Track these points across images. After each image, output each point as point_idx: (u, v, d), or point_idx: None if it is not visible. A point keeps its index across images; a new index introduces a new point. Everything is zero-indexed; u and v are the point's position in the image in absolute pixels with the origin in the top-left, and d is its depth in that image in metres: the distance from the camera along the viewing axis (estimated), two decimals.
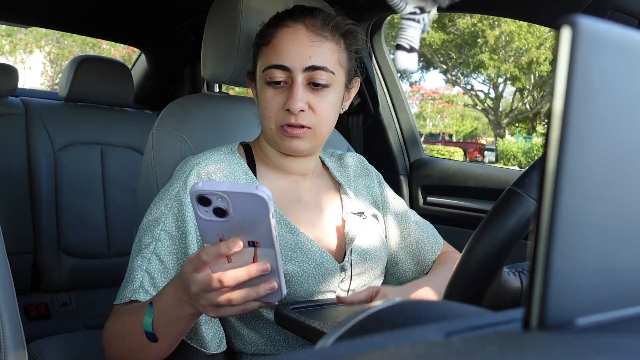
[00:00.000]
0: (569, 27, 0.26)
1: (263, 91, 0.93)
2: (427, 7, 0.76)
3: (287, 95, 0.90)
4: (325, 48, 0.91)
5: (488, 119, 20.91)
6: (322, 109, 0.92)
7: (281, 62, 0.90)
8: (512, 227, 0.62)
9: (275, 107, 0.91)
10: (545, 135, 0.27)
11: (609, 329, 0.29)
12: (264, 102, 0.93)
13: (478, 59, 17.46)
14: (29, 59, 18.08)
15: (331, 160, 1.09)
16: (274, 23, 0.93)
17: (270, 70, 0.90)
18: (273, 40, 0.92)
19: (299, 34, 0.90)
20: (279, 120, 0.92)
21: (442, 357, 0.24)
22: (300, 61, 0.89)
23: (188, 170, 0.91)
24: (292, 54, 0.89)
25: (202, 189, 0.64)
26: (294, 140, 0.92)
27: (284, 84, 0.91)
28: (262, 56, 0.94)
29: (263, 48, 0.93)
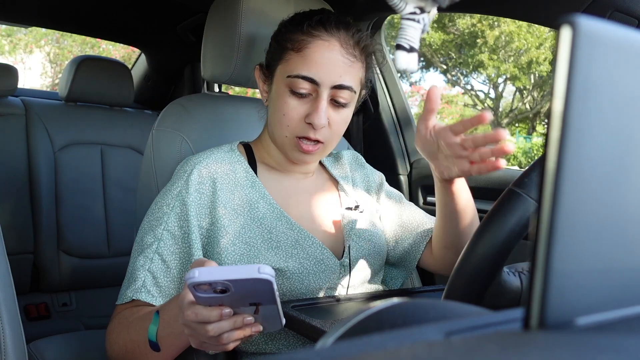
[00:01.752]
0: (569, 27, 0.26)
1: (284, 98, 0.91)
2: (427, 7, 0.76)
3: (310, 108, 0.89)
4: (354, 68, 0.91)
5: None
6: (338, 125, 0.92)
7: (311, 76, 0.88)
8: (512, 227, 0.62)
9: (295, 118, 0.90)
10: (545, 135, 0.27)
11: (609, 329, 0.29)
12: (284, 109, 0.91)
13: (478, 59, 17.46)
14: (29, 59, 18.08)
15: (328, 159, 1.10)
16: (308, 31, 0.90)
17: (298, 80, 0.89)
18: (306, 50, 0.89)
19: (334, 50, 0.89)
20: (297, 131, 0.91)
21: (442, 357, 0.24)
22: (330, 78, 0.88)
23: (189, 170, 0.92)
24: (324, 70, 0.88)
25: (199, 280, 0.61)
26: (307, 156, 0.93)
27: (307, 95, 0.90)
28: (289, 60, 0.91)
29: (291, 53, 0.90)
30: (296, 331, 0.82)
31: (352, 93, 0.91)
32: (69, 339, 1.31)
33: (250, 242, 0.90)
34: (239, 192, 0.93)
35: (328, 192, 1.04)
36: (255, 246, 0.90)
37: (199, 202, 0.90)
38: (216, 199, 0.91)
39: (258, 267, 0.61)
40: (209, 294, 0.63)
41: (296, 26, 0.92)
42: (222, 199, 0.91)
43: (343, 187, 1.05)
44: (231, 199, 0.92)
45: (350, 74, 0.90)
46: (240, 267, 0.62)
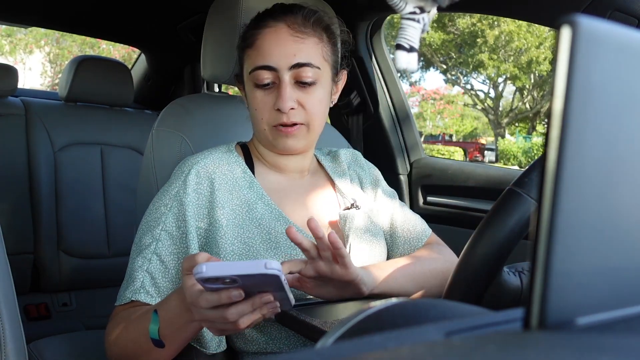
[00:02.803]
0: (569, 26, 0.26)
1: (252, 93, 0.93)
2: (427, 7, 0.76)
3: (277, 96, 0.91)
4: (308, 44, 0.91)
5: (488, 118, 20.91)
6: (312, 106, 0.92)
7: (266, 63, 0.90)
8: (512, 227, 0.62)
9: (266, 108, 0.92)
10: (545, 135, 0.27)
11: (609, 329, 0.29)
12: (254, 104, 0.93)
13: (478, 58, 17.46)
14: (29, 59, 18.08)
15: (326, 158, 1.10)
16: (255, 24, 0.93)
17: (257, 72, 0.91)
18: (257, 41, 0.92)
19: (281, 32, 0.91)
20: (271, 120, 0.92)
21: (442, 356, 0.24)
22: (285, 60, 0.90)
23: (187, 170, 0.92)
24: (277, 54, 0.90)
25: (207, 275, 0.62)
26: (289, 139, 0.93)
27: (272, 84, 0.91)
28: (247, 58, 0.94)
29: (247, 50, 0.94)
30: (296, 331, 0.82)
31: (315, 69, 0.91)
32: (69, 339, 1.31)
33: (249, 242, 0.90)
34: (237, 193, 0.93)
35: (325, 192, 1.04)
36: (254, 246, 0.90)
37: (197, 202, 0.90)
38: (214, 200, 0.91)
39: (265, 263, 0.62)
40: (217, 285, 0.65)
41: (248, 26, 0.95)
42: (220, 199, 0.91)
43: (339, 187, 1.04)
44: (229, 200, 0.92)
45: (304, 51, 0.91)
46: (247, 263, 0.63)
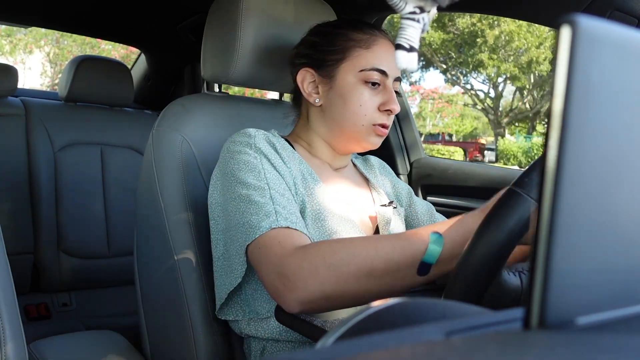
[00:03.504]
0: (569, 26, 0.26)
1: (358, 90, 0.98)
2: (427, 6, 0.76)
3: (382, 98, 0.98)
4: None
5: (488, 118, 20.91)
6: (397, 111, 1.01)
7: (383, 67, 0.98)
8: (512, 227, 0.62)
9: (372, 107, 0.98)
10: (545, 135, 0.27)
11: (609, 329, 0.29)
12: (360, 100, 0.98)
13: (477, 58, 17.46)
14: (28, 59, 18.08)
15: (357, 159, 1.18)
16: (371, 32, 1.00)
17: (372, 72, 0.98)
18: (373, 46, 0.99)
19: (391, 48, 1.00)
20: (374, 119, 0.98)
21: (442, 356, 0.24)
22: (394, 70, 1.00)
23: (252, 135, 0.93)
24: (390, 63, 0.99)
25: None
26: (380, 139, 1.01)
27: (379, 86, 0.99)
28: (358, 57, 0.99)
29: (360, 50, 0.99)
30: (297, 331, 0.82)
31: None
32: (69, 339, 1.31)
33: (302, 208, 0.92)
34: (290, 163, 0.96)
35: (361, 189, 1.09)
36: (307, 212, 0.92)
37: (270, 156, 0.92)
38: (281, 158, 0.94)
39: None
40: None
41: (352, 29, 1.01)
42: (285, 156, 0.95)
43: (374, 186, 1.10)
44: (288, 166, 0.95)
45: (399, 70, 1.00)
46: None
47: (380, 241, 0.77)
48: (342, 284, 0.75)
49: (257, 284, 0.93)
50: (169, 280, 1.03)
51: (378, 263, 0.75)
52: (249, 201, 0.86)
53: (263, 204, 0.85)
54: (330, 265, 0.75)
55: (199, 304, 1.00)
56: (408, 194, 1.18)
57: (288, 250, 0.79)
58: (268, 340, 0.93)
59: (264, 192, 0.86)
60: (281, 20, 1.13)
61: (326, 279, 0.75)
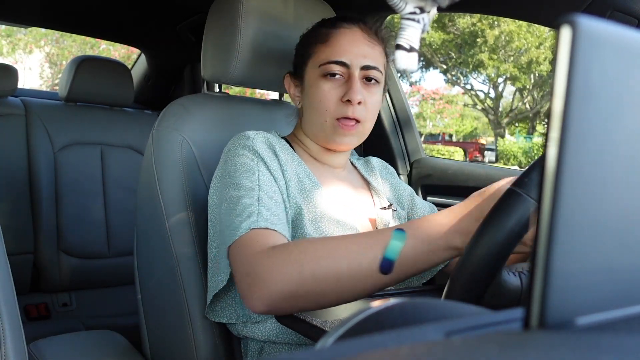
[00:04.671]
0: (569, 26, 0.26)
1: (318, 85, 0.96)
2: (427, 7, 0.76)
3: (345, 89, 0.95)
4: (376, 51, 0.98)
5: (488, 118, 20.91)
6: (372, 104, 0.97)
7: (341, 59, 0.95)
8: (512, 227, 0.62)
9: (332, 100, 0.95)
10: (545, 135, 0.27)
11: (609, 329, 0.29)
12: (320, 94, 0.96)
13: (478, 58, 17.46)
14: (28, 60, 18.08)
15: (358, 161, 1.16)
16: (331, 25, 0.99)
17: (329, 65, 0.95)
18: (331, 39, 0.97)
19: (356, 34, 0.97)
20: (336, 112, 0.95)
21: (442, 356, 0.24)
22: (358, 59, 0.95)
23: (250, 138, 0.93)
24: (351, 52, 0.95)
25: None
26: (346, 137, 0.97)
27: (339, 77, 0.95)
28: (317, 53, 0.98)
29: (319, 46, 0.98)
30: (297, 331, 0.82)
31: (379, 73, 0.98)
32: (69, 339, 1.31)
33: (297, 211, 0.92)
34: (289, 165, 0.95)
35: (360, 191, 1.08)
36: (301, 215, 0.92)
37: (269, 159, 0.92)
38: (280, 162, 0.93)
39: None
40: None
41: (319, 25, 1.01)
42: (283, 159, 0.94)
43: (375, 188, 1.09)
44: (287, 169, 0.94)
45: (373, 56, 0.97)
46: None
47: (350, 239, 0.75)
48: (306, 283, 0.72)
49: None
50: (169, 280, 1.03)
51: (343, 262, 0.72)
52: (237, 202, 0.85)
53: (248, 205, 0.83)
54: (295, 264, 0.73)
55: (199, 304, 1.00)
56: (410, 196, 1.17)
57: (260, 251, 0.77)
58: (265, 342, 0.93)
59: (252, 193, 0.85)
60: (281, 20, 1.13)
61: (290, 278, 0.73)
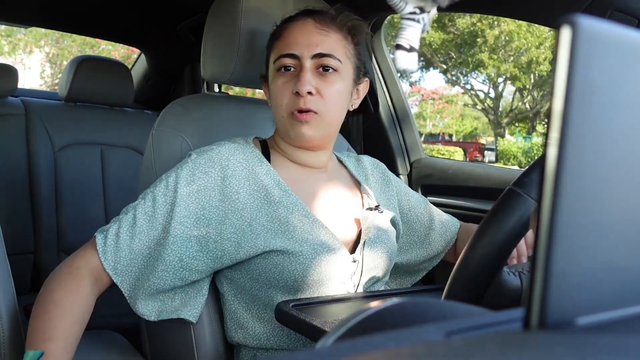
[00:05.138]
0: (569, 26, 0.26)
1: (275, 81, 0.96)
2: (427, 7, 0.76)
3: (297, 81, 0.93)
4: (331, 38, 0.95)
5: (488, 118, 20.91)
6: (330, 95, 0.93)
7: (290, 51, 0.93)
8: (512, 227, 0.62)
9: (286, 94, 0.94)
10: (545, 135, 0.27)
11: (609, 329, 0.29)
12: (275, 90, 0.95)
13: (477, 58, 17.46)
14: (28, 59, 18.08)
15: (349, 159, 1.13)
16: (285, 21, 0.98)
17: (281, 60, 0.94)
18: (284, 33, 0.96)
19: (307, 25, 0.95)
20: (289, 106, 0.93)
21: (442, 357, 0.24)
22: (308, 49, 0.93)
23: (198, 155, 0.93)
24: (301, 43, 0.93)
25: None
26: (303, 126, 0.93)
27: (293, 70, 0.94)
28: (274, 49, 0.97)
29: (275, 42, 0.98)
30: (296, 331, 0.82)
31: (336, 61, 0.94)
32: None
33: (267, 224, 0.90)
34: (253, 179, 0.93)
35: (348, 191, 1.05)
36: (272, 228, 0.90)
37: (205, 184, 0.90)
38: (227, 186, 0.91)
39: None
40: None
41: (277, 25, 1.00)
42: (234, 185, 0.91)
43: (365, 188, 1.06)
44: (245, 185, 0.92)
45: (327, 44, 0.94)
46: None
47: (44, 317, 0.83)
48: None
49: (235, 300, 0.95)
50: None
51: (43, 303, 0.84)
52: (134, 208, 0.90)
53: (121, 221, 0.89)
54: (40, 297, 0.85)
55: None
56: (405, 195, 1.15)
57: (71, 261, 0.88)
58: (258, 349, 0.93)
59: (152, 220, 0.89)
60: None
61: None
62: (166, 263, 0.87)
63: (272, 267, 0.89)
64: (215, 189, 0.90)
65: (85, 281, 0.87)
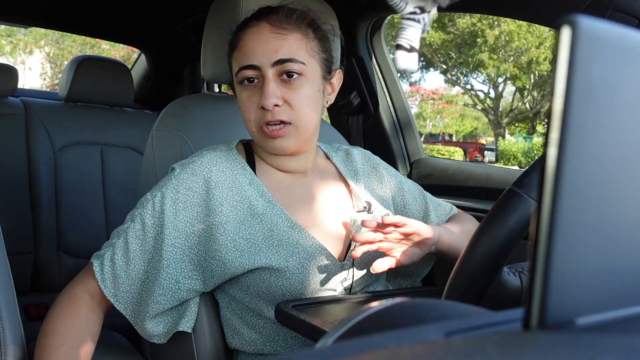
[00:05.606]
0: (569, 26, 0.26)
1: (240, 95, 0.91)
2: (427, 7, 0.76)
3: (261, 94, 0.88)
4: (290, 40, 0.89)
5: (488, 118, 20.91)
6: (298, 101, 0.88)
7: (249, 62, 0.88)
8: (512, 227, 0.62)
9: (252, 108, 0.89)
10: (545, 135, 0.27)
11: (609, 329, 0.29)
12: (241, 105, 0.91)
13: (478, 58, 17.46)
14: (28, 60, 18.09)
15: (337, 155, 1.07)
16: (240, 27, 0.93)
17: (242, 72, 0.89)
18: (240, 42, 0.91)
19: (263, 31, 0.89)
20: (257, 120, 0.89)
21: (442, 356, 0.24)
22: (267, 57, 0.87)
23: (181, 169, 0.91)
24: (259, 52, 0.88)
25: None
26: (276, 141, 0.89)
27: (257, 81, 0.89)
28: (234, 61, 0.93)
29: (234, 53, 0.92)
30: (296, 331, 0.82)
31: (299, 64, 0.88)
32: None
33: (251, 238, 0.89)
34: (237, 189, 0.91)
35: (336, 192, 1.02)
36: (256, 243, 0.89)
37: (189, 200, 0.89)
38: (211, 198, 0.89)
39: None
40: None
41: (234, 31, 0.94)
42: (218, 197, 0.89)
43: (353, 187, 1.02)
44: (229, 196, 0.90)
45: (286, 47, 0.88)
46: None
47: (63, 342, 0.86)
48: None
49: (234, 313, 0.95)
50: None
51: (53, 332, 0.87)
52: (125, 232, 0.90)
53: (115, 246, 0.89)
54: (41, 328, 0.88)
55: None
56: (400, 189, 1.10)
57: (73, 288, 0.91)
58: (256, 355, 0.93)
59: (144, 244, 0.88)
60: None
61: None
62: (163, 287, 0.87)
63: (260, 283, 0.89)
64: (201, 204, 0.89)
65: (85, 306, 0.89)
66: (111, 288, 0.89)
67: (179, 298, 0.89)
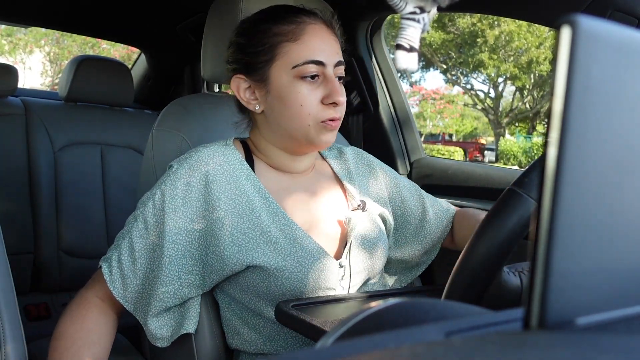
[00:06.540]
0: (569, 26, 0.26)
1: (295, 88, 0.89)
2: (427, 6, 0.76)
3: (324, 90, 0.90)
4: (339, 45, 0.95)
5: (488, 118, 20.91)
6: (344, 102, 0.93)
7: (317, 58, 0.89)
8: (512, 227, 0.62)
9: (314, 103, 0.89)
10: (545, 135, 0.27)
11: (609, 329, 0.29)
12: (299, 99, 0.89)
13: (478, 58, 17.46)
14: (29, 59, 18.09)
15: (331, 154, 1.08)
16: (294, 21, 0.91)
17: (306, 66, 0.89)
18: (303, 36, 0.90)
19: (324, 30, 0.92)
20: (319, 115, 0.90)
21: (442, 356, 0.24)
22: (332, 57, 0.91)
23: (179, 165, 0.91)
24: (325, 50, 0.90)
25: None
26: (330, 133, 0.92)
27: (317, 78, 0.90)
28: (288, 52, 0.90)
29: (288, 44, 0.90)
30: (296, 331, 0.82)
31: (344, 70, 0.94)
32: None
33: (248, 232, 0.89)
34: (234, 183, 0.91)
35: (331, 191, 1.02)
36: (253, 238, 0.89)
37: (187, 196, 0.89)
38: (210, 193, 0.89)
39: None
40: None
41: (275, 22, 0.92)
42: (216, 191, 0.89)
43: (347, 186, 1.03)
44: (227, 190, 0.90)
45: (339, 51, 0.94)
46: None
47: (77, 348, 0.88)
48: None
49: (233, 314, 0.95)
50: None
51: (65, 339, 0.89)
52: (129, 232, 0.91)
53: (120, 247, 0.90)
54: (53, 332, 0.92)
55: None
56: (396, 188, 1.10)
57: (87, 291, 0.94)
58: (257, 355, 0.93)
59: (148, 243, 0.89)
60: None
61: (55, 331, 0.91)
62: (165, 284, 0.87)
63: (259, 282, 0.89)
64: (200, 199, 0.89)
65: (95, 309, 0.90)
66: (120, 289, 0.89)
67: (181, 295, 0.89)
